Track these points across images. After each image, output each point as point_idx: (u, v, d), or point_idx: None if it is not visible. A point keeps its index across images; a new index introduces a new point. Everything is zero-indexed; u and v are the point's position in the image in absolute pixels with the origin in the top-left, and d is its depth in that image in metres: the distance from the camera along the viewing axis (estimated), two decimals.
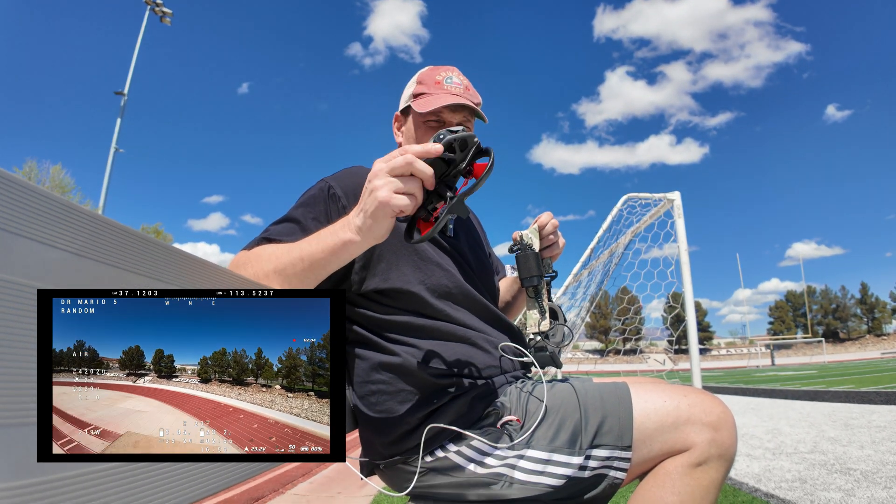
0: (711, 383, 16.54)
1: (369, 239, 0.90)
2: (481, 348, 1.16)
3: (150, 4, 21.23)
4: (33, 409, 0.48)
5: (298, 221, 1.14)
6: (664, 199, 5.30)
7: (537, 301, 1.19)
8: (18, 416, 0.46)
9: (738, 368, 44.30)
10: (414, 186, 0.86)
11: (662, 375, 8.39)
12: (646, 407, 1.03)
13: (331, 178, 1.21)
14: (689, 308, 4.89)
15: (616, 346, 12.82)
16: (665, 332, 7.32)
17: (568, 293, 7.35)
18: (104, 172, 19.62)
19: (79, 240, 0.54)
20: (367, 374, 1.15)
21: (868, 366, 27.36)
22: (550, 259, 1.29)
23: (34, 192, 0.50)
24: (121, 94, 19.90)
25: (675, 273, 5.37)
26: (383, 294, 1.17)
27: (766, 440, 5.00)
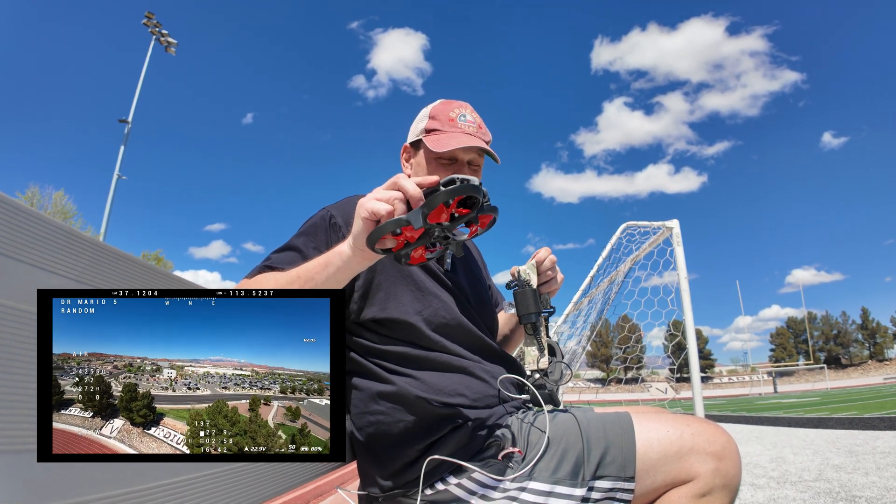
0: (714, 412, 16.35)
1: (357, 252, 0.92)
2: (479, 378, 1.14)
3: (156, 35, 21.66)
4: (33, 435, 0.47)
5: (299, 250, 1.15)
6: (663, 227, 5.33)
7: (536, 337, 1.18)
8: (21, 441, 0.45)
9: (741, 396, 43.87)
10: (393, 197, 0.88)
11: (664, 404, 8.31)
12: (649, 437, 1.01)
13: (332, 206, 1.22)
14: (690, 336, 4.86)
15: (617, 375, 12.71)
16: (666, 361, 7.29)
17: (568, 321, 7.33)
18: (106, 198, 19.73)
19: (79, 266, 0.54)
20: (365, 405, 1.13)
21: (871, 391, 27.10)
22: (548, 295, 1.29)
23: (35, 219, 0.50)
24: (125, 122, 20.16)
25: (675, 301, 5.37)
26: (380, 324, 1.16)
27: (771, 469, 4.92)
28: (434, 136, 1.25)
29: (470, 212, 0.90)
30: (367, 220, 0.89)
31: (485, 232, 0.97)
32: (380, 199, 0.88)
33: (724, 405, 24.81)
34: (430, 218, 0.86)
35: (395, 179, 0.89)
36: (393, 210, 0.88)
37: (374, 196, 0.89)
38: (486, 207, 0.92)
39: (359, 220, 0.91)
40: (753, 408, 19.12)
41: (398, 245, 0.90)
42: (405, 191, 0.88)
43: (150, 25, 21.51)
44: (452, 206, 0.88)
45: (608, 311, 6.96)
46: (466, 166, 1.26)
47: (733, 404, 25.60)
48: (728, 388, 62.17)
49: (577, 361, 7.89)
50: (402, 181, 0.88)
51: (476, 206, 0.90)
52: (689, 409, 6.34)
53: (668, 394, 39.01)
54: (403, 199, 0.89)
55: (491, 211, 0.93)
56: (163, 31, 21.75)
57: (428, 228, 0.88)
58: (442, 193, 0.85)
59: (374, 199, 0.89)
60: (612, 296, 6.80)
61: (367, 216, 0.89)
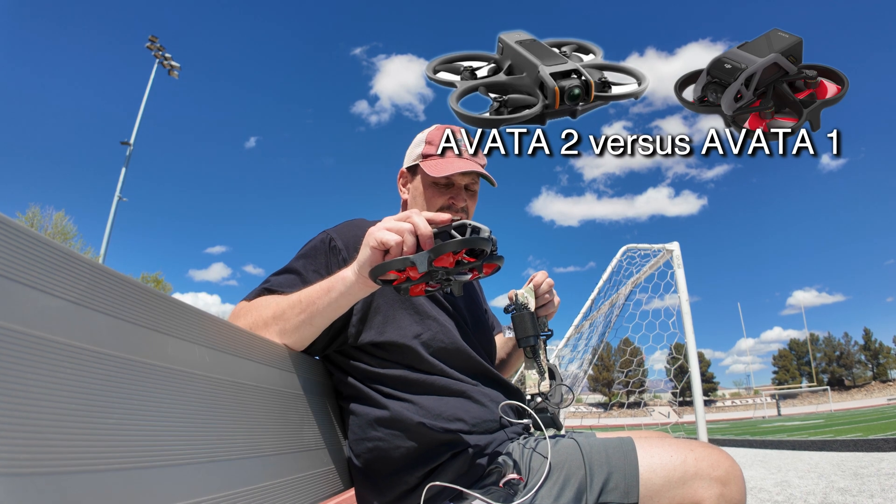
0: (717, 436, 16.16)
1: (360, 280, 0.92)
2: (478, 402, 1.13)
3: (159, 58, 21.96)
4: (35, 458, 0.46)
5: (299, 273, 1.15)
6: (663, 249, 5.34)
7: (536, 361, 1.18)
8: (22, 464, 0.45)
9: (744, 420, 43.38)
10: (404, 229, 0.89)
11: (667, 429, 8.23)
12: (652, 462, 1.00)
13: (332, 229, 1.22)
14: (693, 359, 4.84)
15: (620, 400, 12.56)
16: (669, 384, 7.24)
17: (569, 345, 7.30)
18: (107, 220, 19.79)
19: (78, 288, 0.53)
20: (364, 431, 1.12)
21: (875, 412, 26.78)
22: (546, 318, 1.28)
23: (34, 240, 0.49)
24: (126, 144, 20.33)
25: (676, 324, 5.35)
26: (378, 347, 1.16)
27: (776, 493, 4.84)
28: (431, 162, 1.26)
29: (476, 260, 0.90)
30: (375, 249, 0.89)
31: (486, 277, 0.96)
32: (390, 229, 0.89)
33: (727, 429, 24.53)
34: (436, 262, 0.86)
35: (409, 214, 0.90)
36: (402, 241, 0.88)
37: (384, 226, 0.90)
38: (493, 256, 0.91)
39: (366, 249, 0.91)
40: (757, 431, 18.90)
41: (399, 279, 0.90)
42: (416, 227, 0.88)
43: (154, 49, 21.81)
44: (460, 254, 0.88)
45: (609, 334, 6.94)
46: (463, 190, 1.27)
47: (737, 428, 25.32)
48: (731, 411, 61.52)
49: (579, 385, 7.83)
50: (414, 217, 0.89)
51: (483, 256, 0.90)
52: (692, 434, 6.27)
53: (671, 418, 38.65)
54: (413, 232, 0.89)
55: (496, 260, 0.92)
56: (166, 55, 22.05)
57: (431, 271, 0.88)
58: (451, 244, 0.85)
59: (384, 228, 0.89)
60: (613, 319, 6.78)
61: (375, 245, 0.89)
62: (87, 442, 0.51)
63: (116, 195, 19.81)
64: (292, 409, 1.01)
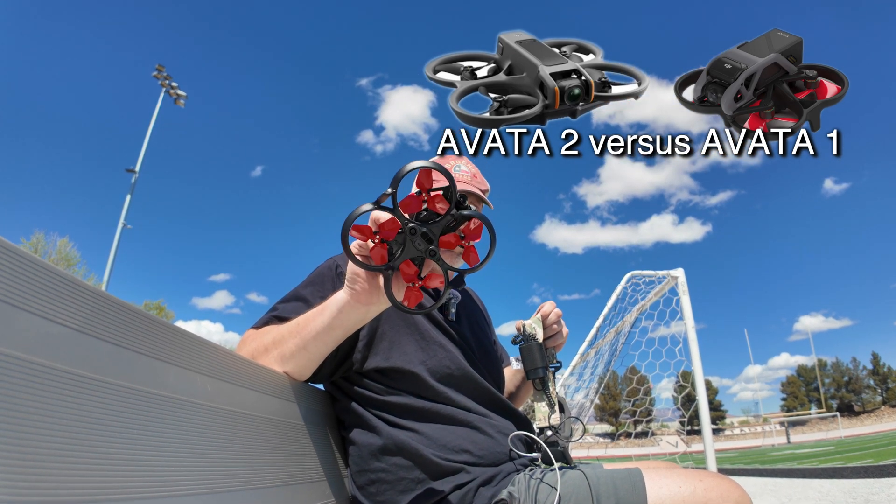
0: (726, 465, 15.87)
1: (351, 295, 0.93)
2: (485, 433, 1.11)
3: (166, 87, 22.30)
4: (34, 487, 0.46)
5: (306, 300, 1.16)
6: (668, 276, 5.32)
7: (545, 393, 1.16)
8: (20, 492, 0.44)
9: (753, 448, 42.68)
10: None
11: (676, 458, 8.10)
12: (660, 493, 0.98)
13: (339, 256, 1.23)
14: (700, 387, 4.78)
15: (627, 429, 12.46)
16: (676, 413, 7.14)
17: (575, 373, 7.23)
18: (111, 247, 19.87)
19: (80, 316, 0.53)
20: (366, 462, 1.10)
21: (885, 438, 26.30)
22: (554, 349, 1.27)
23: (38, 266, 0.49)
24: (132, 172, 20.51)
25: (683, 351, 5.30)
26: (383, 373, 1.15)
27: None
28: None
29: (449, 206, 0.81)
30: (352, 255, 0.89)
31: (485, 263, 0.84)
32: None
33: (736, 458, 24.12)
34: (403, 206, 0.80)
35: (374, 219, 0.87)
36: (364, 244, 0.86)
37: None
38: (470, 212, 0.82)
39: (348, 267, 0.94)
40: (767, 459, 18.57)
41: (380, 255, 0.83)
42: (377, 219, 0.85)
43: (161, 78, 22.17)
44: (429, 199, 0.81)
45: (615, 362, 6.87)
46: None
47: (746, 457, 24.88)
48: (740, 439, 60.50)
49: (586, 415, 7.74)
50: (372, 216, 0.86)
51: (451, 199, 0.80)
52: (700, 463, 6.15)
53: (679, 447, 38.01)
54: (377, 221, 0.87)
55: (476, 216, 0.82)
56: (172, 84, 22.39)
57: (404, 224, 0.81)
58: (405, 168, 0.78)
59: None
60: (619, 347, 6.72)
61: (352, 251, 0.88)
62: (87, 471, 0.51)
63: (121, 222, 19.92)
64: (293, 440, 0.99)
